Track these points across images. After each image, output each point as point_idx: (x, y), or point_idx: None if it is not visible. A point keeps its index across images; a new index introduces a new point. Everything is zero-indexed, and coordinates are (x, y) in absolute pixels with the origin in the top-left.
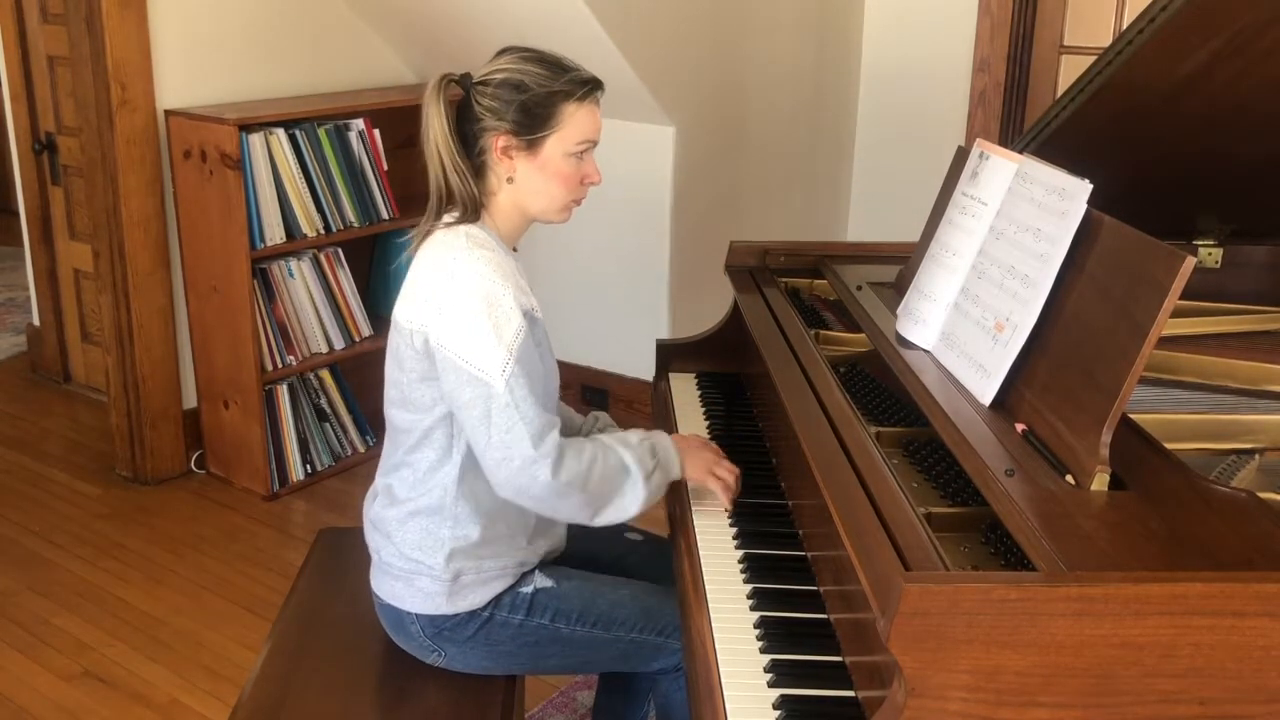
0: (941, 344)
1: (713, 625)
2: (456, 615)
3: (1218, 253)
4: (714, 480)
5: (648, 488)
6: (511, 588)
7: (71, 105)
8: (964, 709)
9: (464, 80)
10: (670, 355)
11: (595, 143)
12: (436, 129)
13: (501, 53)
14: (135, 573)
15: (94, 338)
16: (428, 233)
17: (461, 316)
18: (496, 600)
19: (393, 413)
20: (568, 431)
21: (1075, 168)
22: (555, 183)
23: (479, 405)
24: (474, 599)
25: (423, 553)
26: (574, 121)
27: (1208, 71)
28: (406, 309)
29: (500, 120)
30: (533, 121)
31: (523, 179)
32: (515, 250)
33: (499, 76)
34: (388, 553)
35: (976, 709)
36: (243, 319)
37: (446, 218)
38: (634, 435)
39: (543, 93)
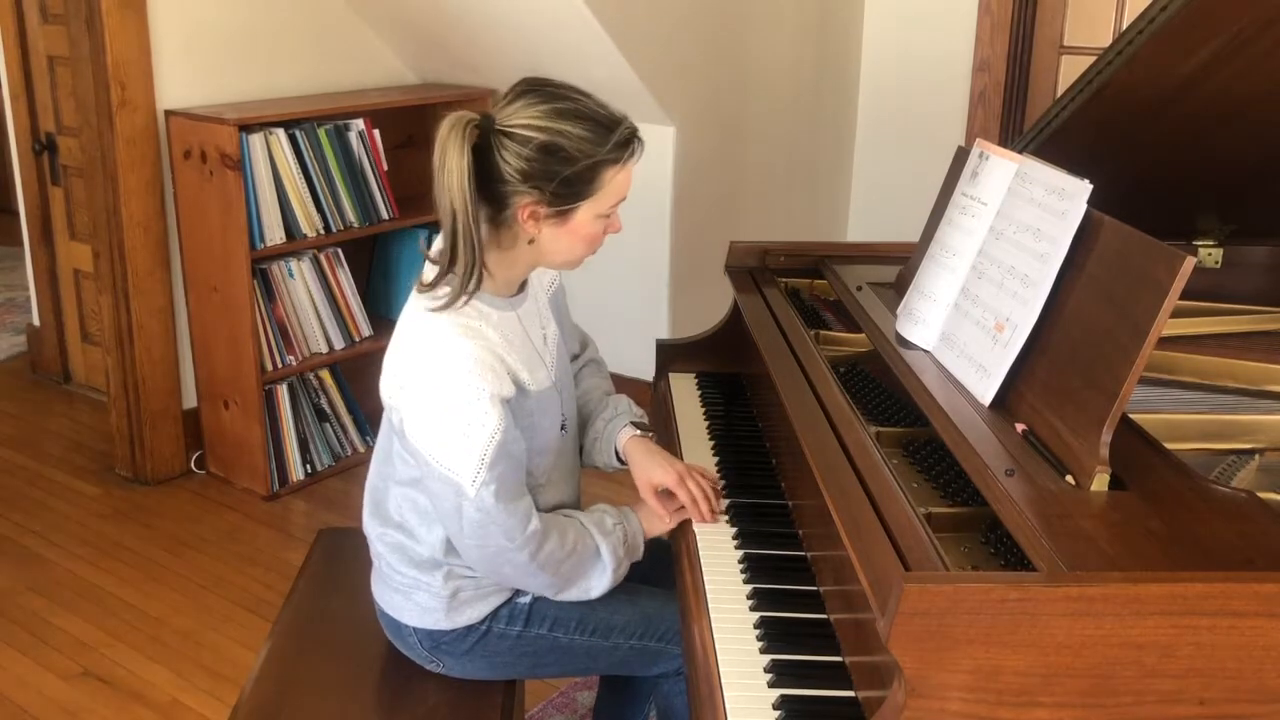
0: (941, 344)
1: (713, 625)
2: (455, 630)
3: (1218, 253)
4: (674, 517)
5: (614, 576)
6: (509, 599)
7: (71, 105)
8: (964, 709)
9: (485, 124)
10: (670, 355)
11: (625, 198)
12: (456, 184)
13: (525, 93)
14: (135, 573)
15: (94, 338)
16: (425, 291)
17: (432, 421)
18: (494, 613)
19: (390, 432)
20: (584, 414)
21: (1075, 168)
22: (581, 245)
23: (450, 500)
24: (472, 614)
25: (419, 570)
26: (613, 187)
27: (1208, 71)
28: (387, 382)
29: (534, 188)
30: (573, 193)
31: (546, 241)
32: (525, 284)
33: (536, 137)
34: (385, 565)
35: (976, 709)
36: (243, 319)
37: (442, 289)
38: (609, 518)
39: (587, 164)
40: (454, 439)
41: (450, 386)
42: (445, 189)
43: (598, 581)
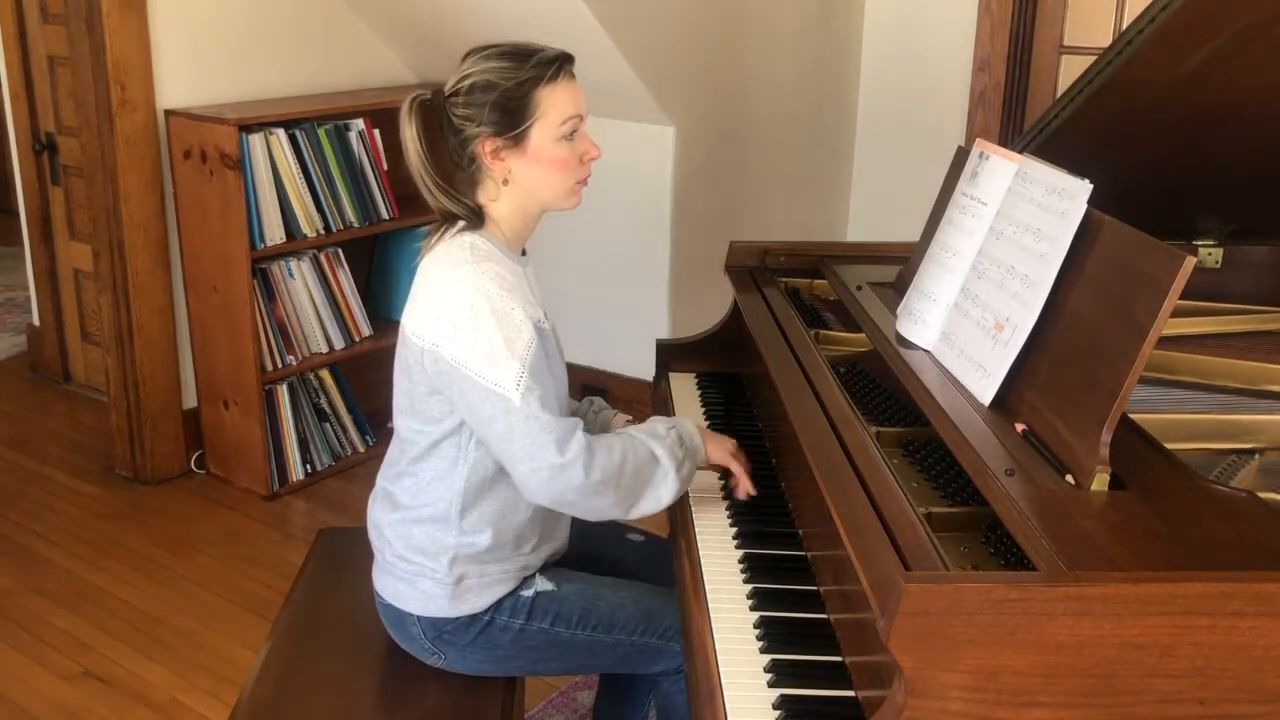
0: (941, 344)
1: (713, 625)
2: (458, 619)
3: (1218, 253)
4: (735, 463)
5: (679, 478)
6: (513, 591)
7: (71, 105)
8: (964, 709)
9: (435, 98)
10: (670, 355)
11: (582, 117)
12: (411, 151)
13: (465, 57)
14: (135, 573)
15: (94, 338)
16: (435, 243)
17: (474, 333)
18: (497, 604)
19: (401, 421)
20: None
21: (1075, 168)
22: (553, 171)
23: (500, 420)
24: (476, 602)
25: (426, 556)
26: (551, 104)
27: (1208, 71)
28: (415, 324)
29: (480, 125)
30: (511, 117)
31: (520, 176)
32: (525, 253)
33: (466, 83)
34: (390, 554)
35: (976, 709)
36: (243, 319)
37: (453, 229)
38: (660, 425)
39: (512, 85)
40: (497, 350)
41: (486, 300)
42: (409, 163)
43: (665, 488)
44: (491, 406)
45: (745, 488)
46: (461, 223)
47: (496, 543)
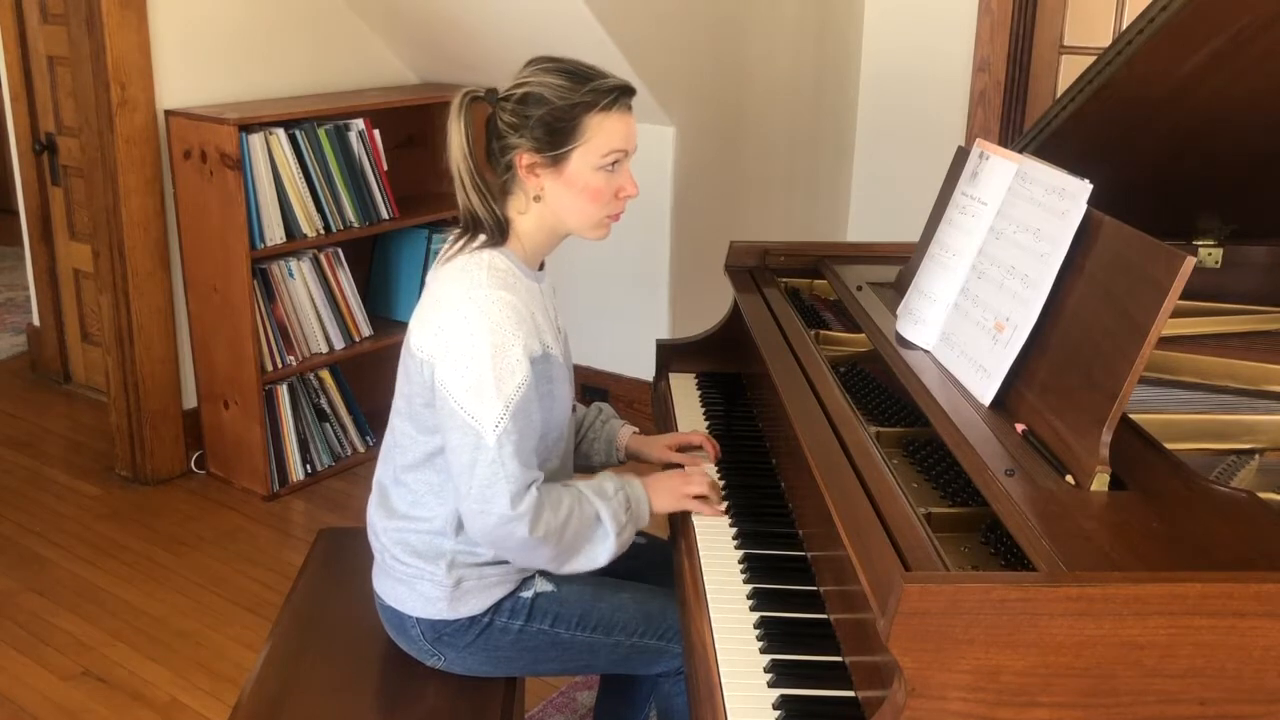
0: (941, 344)
1: (713, 625)
2: (457, 620)
3: (1218, 253)
4: (688, 502)
5: (619, 541)
6: (512, 593)
7: (71, 105)
8: (964, 709)
9: (489, 96)
10: (670, 355)
11: (628, 153)
12: (455, 146)
13: (527, 64)
14: (135, 573)
15: (94, 338)
16: (454, 254)
17: (466, 362)
18: (497, 606)
19: (397, 422)
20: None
21: (1075, 168)
22: (585, 198)
23: (466, 453)
24: (475, 604)
25: (424, 560)
26: (600, 133)
27: (1208, 71)
28: (419, 335)
29: (522, 137)
30: (555, 137)
31: (551, 197)
32: (543, 266)
33: (519, 91)
34: (389, 557)
35: (976, 709)
36: (243, 319)
37: (474, 243)
38: (609, 484)
39: (564, 105)
40: (484, 385)
41: (488, 332)
42: (451, 158)
43: (602, 548)
44: (462, 436)
45: (710, 513)
46: (483, 236)
47: (497, 555)
